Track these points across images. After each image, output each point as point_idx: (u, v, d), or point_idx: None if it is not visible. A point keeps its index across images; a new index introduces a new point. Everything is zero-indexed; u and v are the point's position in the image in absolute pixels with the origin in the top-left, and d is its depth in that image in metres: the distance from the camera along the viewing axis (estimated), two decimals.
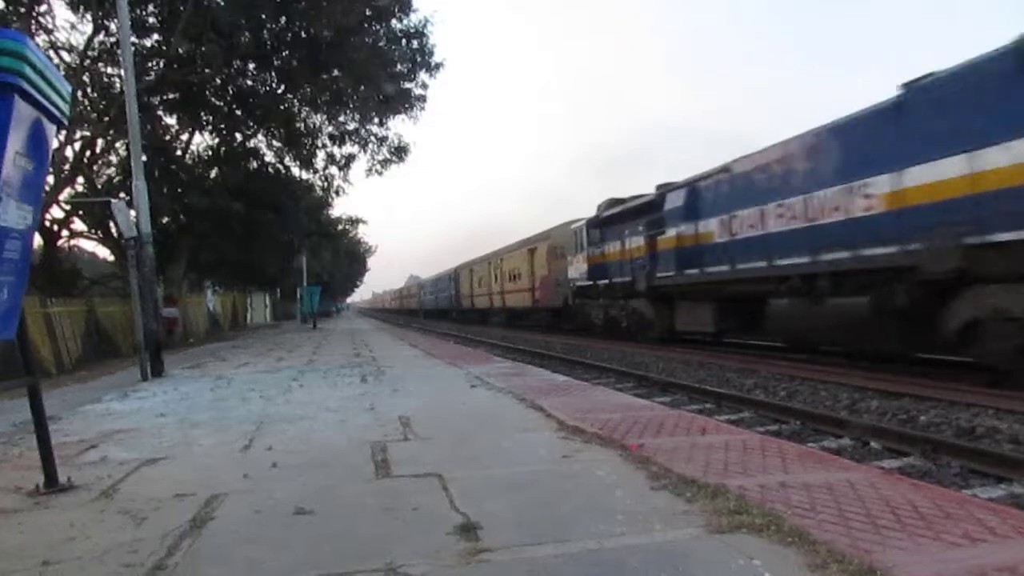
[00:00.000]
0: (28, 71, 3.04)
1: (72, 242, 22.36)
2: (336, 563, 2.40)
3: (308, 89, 19.67)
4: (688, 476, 3.26)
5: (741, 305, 13.22)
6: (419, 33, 19.90)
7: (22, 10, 15.45)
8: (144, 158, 11.45)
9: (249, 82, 19.73)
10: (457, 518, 2.83)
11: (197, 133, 21.48)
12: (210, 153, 21.61)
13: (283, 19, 17.60)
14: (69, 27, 18.13)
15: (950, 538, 2.39)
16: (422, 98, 21.47)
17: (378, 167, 23.04)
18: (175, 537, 2.75)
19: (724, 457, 3.68)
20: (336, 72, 18.84)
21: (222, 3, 15.88)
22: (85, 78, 17.30)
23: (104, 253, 24.55)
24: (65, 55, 17.54)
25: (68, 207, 19.24)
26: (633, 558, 2.33)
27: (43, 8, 16.29)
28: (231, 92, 19.45)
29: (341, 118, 21.92)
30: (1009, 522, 2.54)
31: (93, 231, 21.13)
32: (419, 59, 20.41)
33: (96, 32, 16.75)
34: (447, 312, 50.59)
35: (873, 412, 7.75)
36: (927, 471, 5.56)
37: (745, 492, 2.97)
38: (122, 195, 16.12)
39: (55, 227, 19.27)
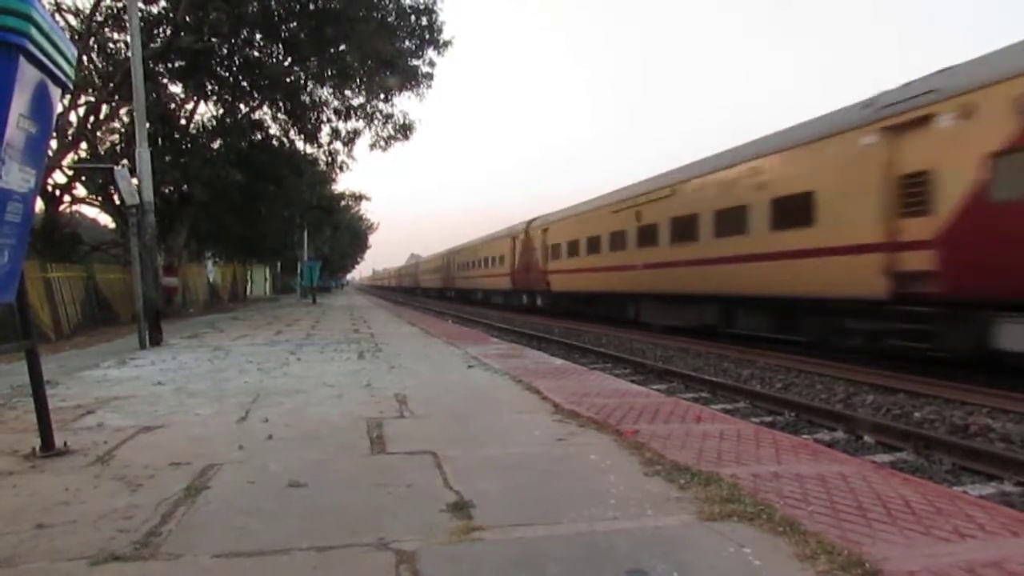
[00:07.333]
0: (34, 32, 3.01)
1: (73, 208, 22.30)
2: (329, 536, 2.42)
3: (314, 62, 19.49)
4: (682, 463, 3.27)
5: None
6: (428, 10, 19.70)
7: None
8: (148, 126, 11.38)
9: (256, 53, 19.55)
10: (450, 496, 2.85)
11: (202, 103, 21.34)
12: (214, 123, 21.46)
13: None
14: None
15: (940, 533, 2.40)
16: (429, 76, 21.31)
17: (382, 143, 22.93)
18: (170, 505, 2.76)
19: (718, 446, 3.69)
20: (343, 46, 18.67)
21: None
22: (91, 42, 17.15)
23: (105, 220, 24.46)
24: (71, 18, 17.40)
25: (70, 172, 19.14)
26: (624, 542, 2.34)
27: None
28: (237, 62, 19.27)
29: (347, 92, 21.76)
30: (998, 519, 2.55)
31: (95, 197, 21.04)
32: (427, 36, 20.20)
33: None
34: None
35: (868, 407, 7.78)
36: (919, 467, 5.60)
37: (738, 481, 2.98)
38: (125, 162, 16.03)
39: (57, 192, 19.19)
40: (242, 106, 21.36)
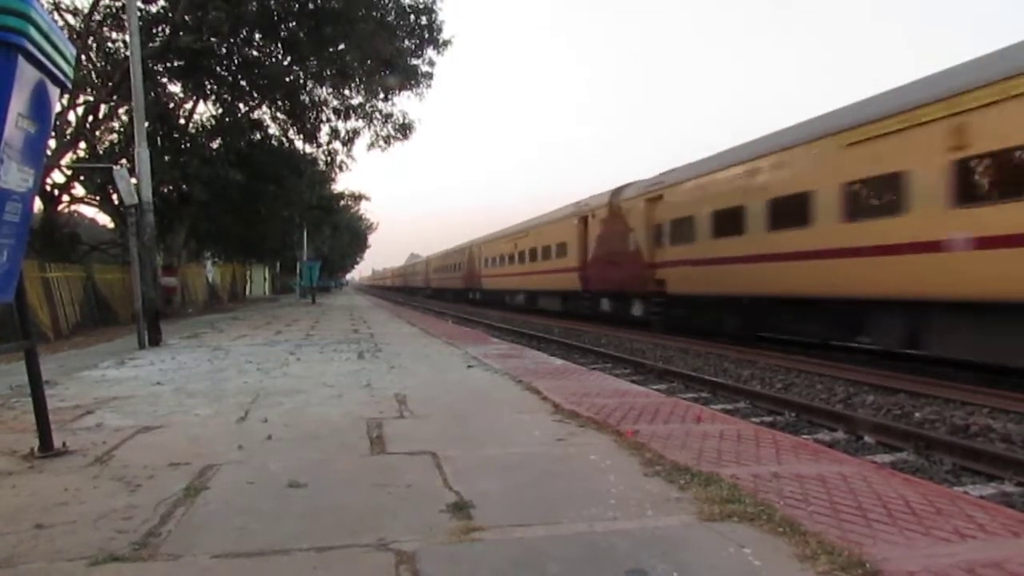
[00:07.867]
0: (32, 32, 3.00)
1: (72, 207, 22.28)
2: (328, 536, 2.41)
3: (313, 61, 19.48)
4: (682, 463, 3.27)
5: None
6: (427, 9, 19.69)
7: None
8: (147, 125, 11.37)
9: (255, 52, 19.54)
10: (450, 496, 2.84)
11: (201, 102, 21.33)
12: (213, 123, 21.45)
13: None
14: None
15: (940, 534, 2.39)
16: (429, 75, 21.29)
17: (381, 143, 22.91)
18: (169, 505, 2.76)
19: (718, 446, 3.69)
20: (342, 46, 18.65)
21: None
22: (89, 42, 17.14)
23: (104, 219, 24.45)
24: (70, 18, 17.39)
25: (69, 172, 19.13)
26: (624, 542, 2.34)
27: None
28: (236, 62, 19.26)
29: (347, 92, 21.75)
30: (999, 520, 2.55)
31: (93, 197, 21.03)
32: (427, 35, 20.18)
33: None
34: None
35: (868, 407, 7.78)
36: (920, 467, 5.59)
37: (738, 481, 2.97)
38: (124, 162, 16.02)
39: (55, 191, 19.18)
40: (241, 105, 21.35)
